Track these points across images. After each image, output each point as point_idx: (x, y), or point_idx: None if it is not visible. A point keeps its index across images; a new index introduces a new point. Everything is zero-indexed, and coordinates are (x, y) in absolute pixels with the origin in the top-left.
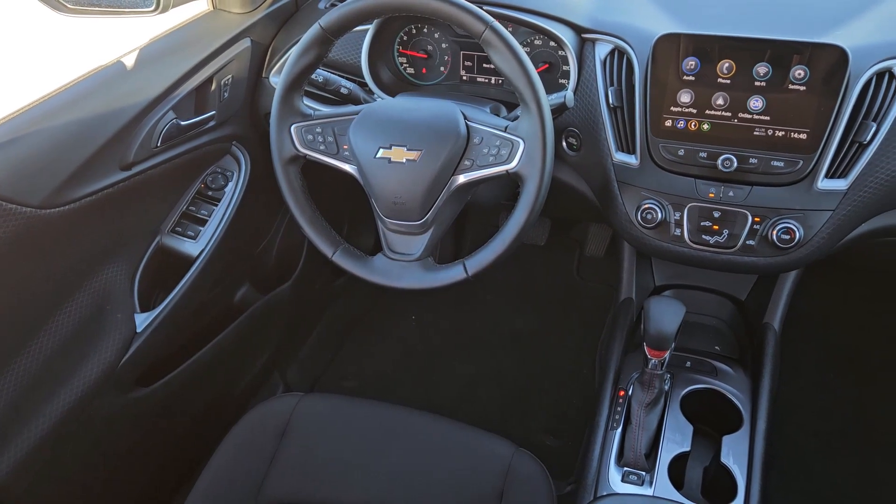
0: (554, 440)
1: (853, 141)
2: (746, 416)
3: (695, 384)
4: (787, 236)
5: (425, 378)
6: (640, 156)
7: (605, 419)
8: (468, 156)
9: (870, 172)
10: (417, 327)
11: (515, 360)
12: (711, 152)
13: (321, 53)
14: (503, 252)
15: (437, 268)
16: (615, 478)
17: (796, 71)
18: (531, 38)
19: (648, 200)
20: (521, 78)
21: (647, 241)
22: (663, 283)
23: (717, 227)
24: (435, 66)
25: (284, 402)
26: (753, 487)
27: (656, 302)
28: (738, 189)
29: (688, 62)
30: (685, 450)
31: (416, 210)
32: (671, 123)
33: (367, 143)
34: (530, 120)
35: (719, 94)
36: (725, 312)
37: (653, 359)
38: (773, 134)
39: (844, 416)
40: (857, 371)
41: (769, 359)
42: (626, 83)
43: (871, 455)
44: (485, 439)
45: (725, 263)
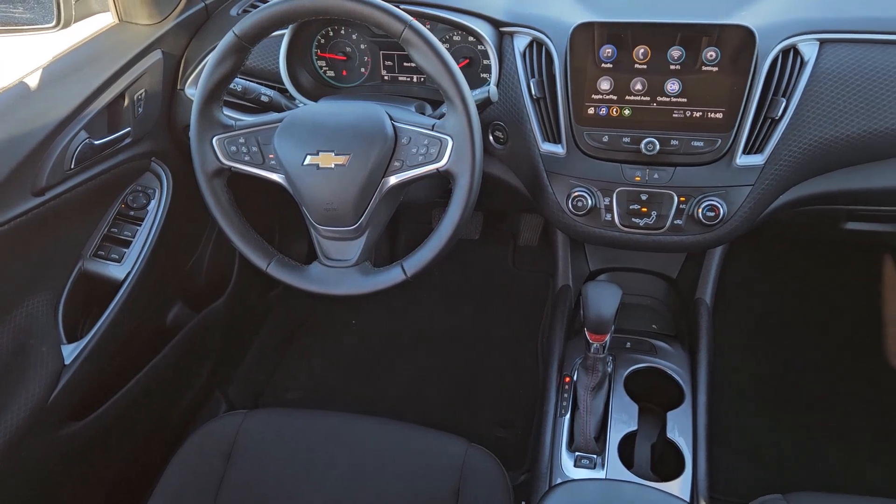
0: (504, 431)
1: (766, 117)
2: (687, 390)
3: (636, 364)
4: (712, 213)
5: (370, 382)
6: (566, 144)
7: (553, 406)
8: (397, 157)
9: (783, 146)
10: (357, 331)
11: (458, 356)
12: (634, 137)
13: (238, 62)
14: (441, 250)
15: (376, 271)
16: (568, 464)
17: (708, 53)
18: (449, 34)
19: (578, 188)
20: (444, 75)
21: (580, 228)
22: (598, 267)
23: (645, 209)
24: (355, 68)
25: (228, 421)
26: (700, 458)
27: (593, 287)
28: (662, 171)
29: (604, 50)
30: (633, 429)
31: (349, 215)
32: (593, 111)
33: (293, 150)
34: (457, 117)
35: (637, 79)
36: (659, 291)
37: (594, 343)
38: (691, 115)
39: (777, 378)
40: (786, 334)
41: (704, 332)
42: (547, 74)
43: (804, 412)
44: (436, 438)
45: (656, 244)
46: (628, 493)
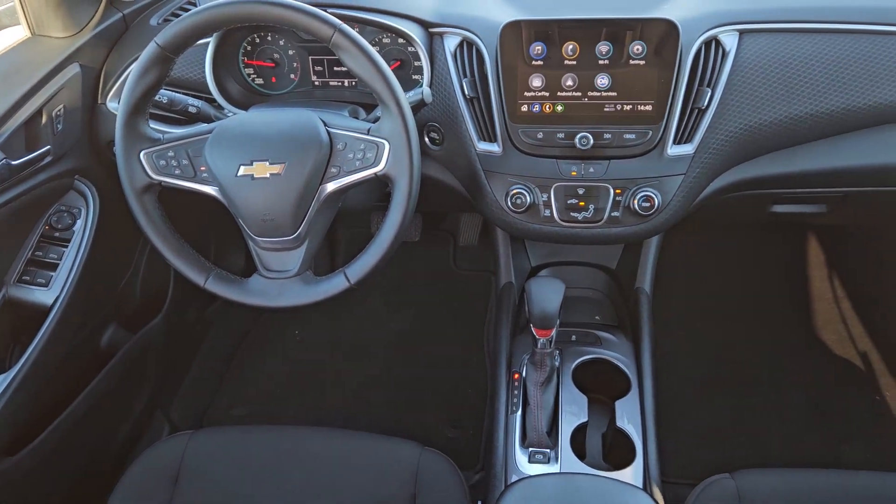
0: (455, 432)
1: (693, 107)
2: (633, 378)
3: (583, 356)
4: (648, 204)
5: (316, 392)
6: (502, 143)
7: (504, 404)
8: (334, 163)
9: (711, 135)
10: (302, 342)
11: (404, 360)
12: (568, 132)
13: (162, 73)
14: (383, 255)
15: (318, 280)
16: (522, 460)
17: (634, 47)
18: (379, 36)
19: (516, 185)
20: (376, 79)
21: (520, 225)
22: (539, 263)
23: (582, 203)
24: (284, 75)
25: (173, 443)
26: (650, 445)
27: (536, 283)
28: (597, 165)
29: (534, 47)
30: (583, 421)
31: (288, 224)
32: (527, 108)
33: (225, 161)
34: (392, 120)
35: (568, 75)
36: (600, 283)
37: (541, 338)
38: (621, 108)
39: (714, 359)
40: (720, 317)
41: (645, 321)
42: (479, 73)
43: (741, 391)
44: (388, 444)
45: (595, 237)
46: (585, 484)
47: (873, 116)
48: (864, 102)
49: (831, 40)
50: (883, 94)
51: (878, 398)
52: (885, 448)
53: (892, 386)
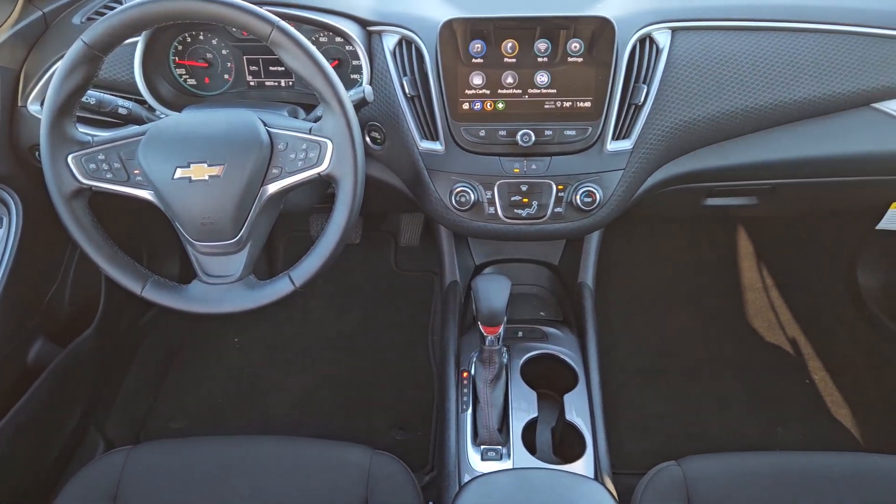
0: (403, 434)
1: (630, 104)
2: (580, 372)
3: (530, 352)
4: (590, 199)
5: (259, 400)
6: (445, 141)
7: (454, 403)
8: (275, 163)
9: (648, 130)
10: (241, 349)
11: (349, 363)
12: (510, 129)
13: (90, 72)
14: (329, 257)
15: (261, 284)
16: (475, 459)
17: (572, 44)
18: (316, 35)
19: (460, 184)
20: (318, 77)
21: (465, 223)
22: (483, 261)
23: (526, 199)
24: (218, 75)
25: (110, 461)
26: (599, 437)
27: (483, 280)
28: (539, 161)
29: (474, 45)
30: (533, 416)
31: (229, 228)
32: (468, 106)
33: (161, 164)
34: (334, 119)
35: (508, 72)
36: (543, 279)
37: (489, 336)
38: (561, 105)
39: (655, 350)
40: (659, 309)
41: (589, 315)
42: (419, 72)
43: (681, 380)
44: (338, 450)
45: (539, 233)
46: (539, 479)
47: (797, 111)
48: (789, 97)
49: (758, 38)
50: (806, 89)
51: (808, 382)
52: (817, 429)
53: (820, 369)
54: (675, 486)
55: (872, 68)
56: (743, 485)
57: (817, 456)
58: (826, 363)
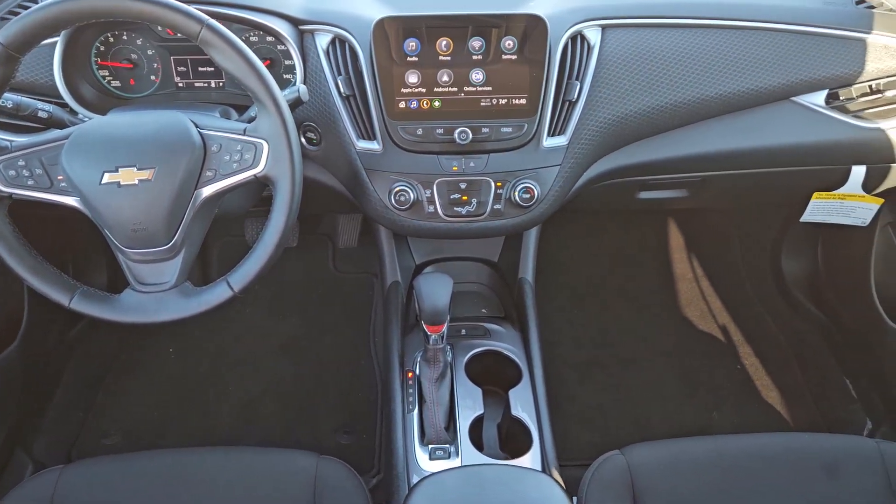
0: (348, 438)
1: (564, 100)
2: (524, 367)
3: (474, 349)
4: (528, 195)
5: (198, 411)
6: (382, 140)
7: (400, 404)
8: (209, 166)
9: (582, 126)
10: (177, 358)
11: (290, 369)
12: (447, 127)
13: (6, 75)
14: (268, 260)
15: (198, 291)
16: (423, 458)
17: (505, 42)
18: (246, 34)
19: (399, 183)
20: (251, 76)
21: (405, 223)
22: (423, 260)
23: (465, 197)
24: (144, 76)
25: (40, 482)
26: (545, 430)
27: (425, 279)
28: (477, 159)
29: (408, 44)
30: (480, 413)
31: (162, 233)
32: (405, 105)
33: (87, 169)
34: (269, 118)
35: (443, 71)
36: (484, 276)
37: (433, 335)
38: (497, 103)
39: (593, 343)
40: (597, 302)
41: (531, 310)
42: (354, 71)
43: (619, 372)
44: (283, 457)
45: (479, 230)
46: (489, 474)
47: (723, 105)
48: (715, 92)
49: (685, 35)
50: (730, 84)
51: (739, 367)
52: (749, 412)
53: (750, 355)
54: (620, 474)
55: (792, 63)
56: (683, 469)
57: (751, 438)
58: (755, 349)
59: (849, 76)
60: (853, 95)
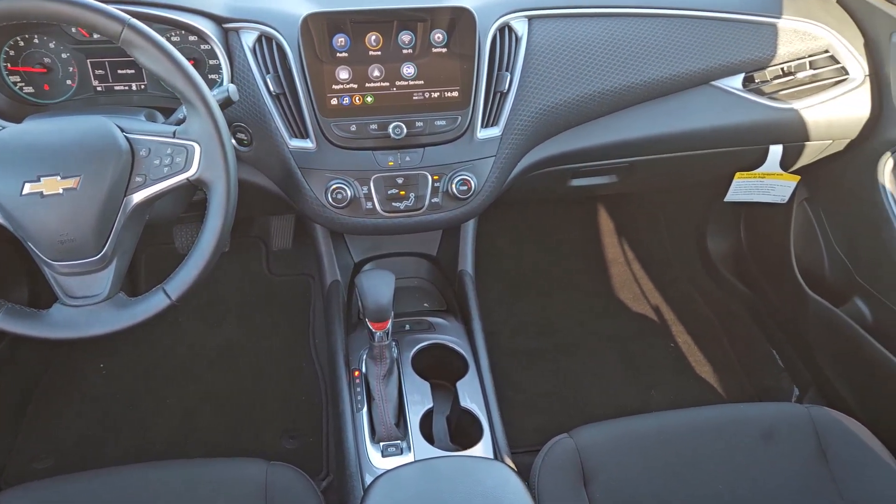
0: (293, 442)
1: (496, 91)
2: (470, 358)
3: (419, 343)
4: (465, 187)
5: (136, 426)
6: (316, 138)
7: (348, 403)
8: (138, 171)
9: (514, 117)
10: (109, 374)
11: (229, 376)
12: (381, 123)
13: None
14: (206, 266)
15: (133, 302)
16: (375, 457)
17: (434, 35)
18: (168, 34)
19: (335, 181)
20: (177, 76)
21: (342, 220)
22: (362, 257)
23: (403, 192)
24: (59, 81)
25: None
26: (494, 420)
27: (367, 277)
28: (413, 153)
29: (337, 39)
30: (429, 406)
31: (90, 244)
32: (336, 101)
33: (6, 179)
34: (200, 120)
35: (374, 66)
36: (423, 271)
37: (377, 332)
38: (430, 96)
39: (534, 331)
40: (536, 291)
41: (472, 302)
42: (283, 68)
43: (560, 358)
44: (231, 466)
45: (418, 224)
46: (444, 466)
47: (647, 91)
48: (640, 79)
49: (609, 24)
50: (654, 70)
51: (673, 345)
52: (683, 388)
53: (682, 333)
54: (569, 456)
55: (710, 49)
56: (629, 447)
57: (690, 412)
58: (687, 326)
59: (763, 60)
60: (767, 78)
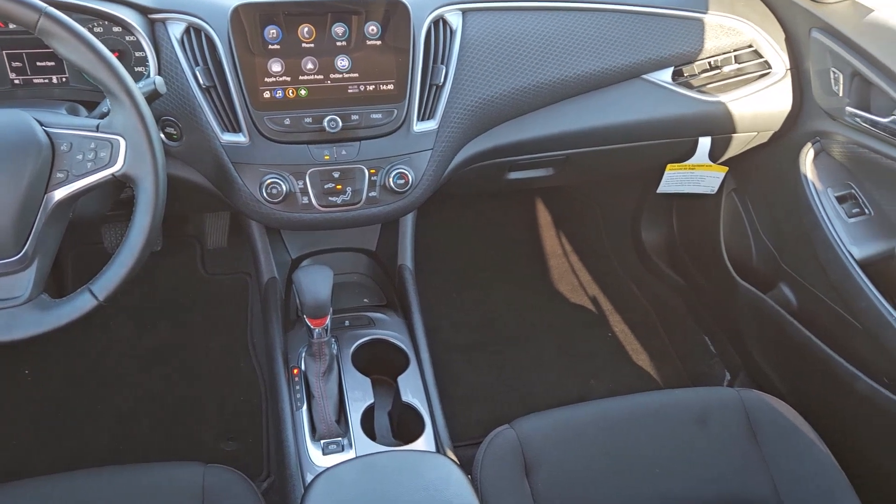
0: (233, 444)
1: (431, 84)
2: (411, 353)
3: (359, 339)
4: (402, 180)
5: (67, 434)
6: (249, 132)
7: (288, 402)
8: (60, 167)
9: (451, 109)
10: (35, 380)
11: (165, 380)
12: (315, 116)
13: None
14: (134, 264)
15: (57, 303)
16: (316, 455)
17: (369, 27)
18: (90, 25)
19: (269, 175)
20: (100, 67)
21: (278, 216)
22: (299, 254)
23: (339, 186)
24: None
25: None
26: (436, 413)
27: (304, 273)
28: (349, 147)
29: (268, 31)
30: (370, 402)
31: (9, 243)
32: (269, 94)
33: None
34: (124, 112)
35: (307, 58)
36: (362, 266)
37: (316, 328)
38: (365, 89)
39: (475, 325)
40: (477, 285)
41: (413, 296)
42: (213, 61)
43: (501, 351)
44: (166, 471)
45: (355, 219)
46: (385, 461)
47: (580, 84)
48: (573, 72)
49: (542, 18)
50: (586, 64)
51: (611, 335)
52: (621, 376)
53: (619, 322)
54: (511, 446)
55: (640, 43)
56: (569, 435)
57: (627, 399)
58: (624, 316)
59: (690, 54)
60: (695, 72)
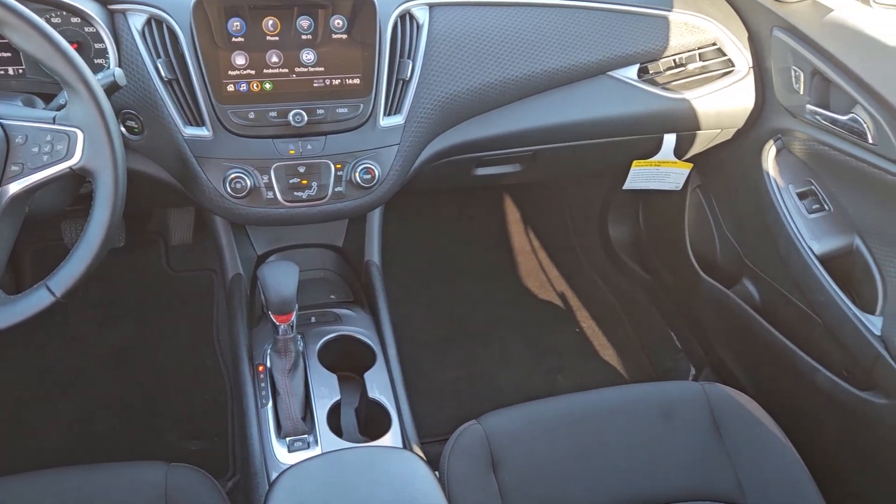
0: (198, 443)
1: (398, 79)
2: (378, 349)
3: (325, 336)
4: (369, 175)
5: (23, 435)
6: (212, 126)
7: (252, 399)
8: (14, 160)
9: (418, 104)
10: None
11: (127, 379)
12: (280, 110)
13: None
14: (93, 260)
15: (13, 299)
16: (282, 452)
17: (334, 21)
18: (46, 15)
19: (233, 170)
20: (55, 57)
21: (243, 211)
22: (265, 250)
23: (305, 181)
24: None
25: None
26: (403, 410)
27: (269, 268)
28: (314, 141)
29: (232, 24)
30: (336, 399)
31: None
32: (233, 88)
33: None
34: (82, 104)
35: (272, 51)
36: (329, 262)
37: (281, 325)
38: (331, 83)
39: (443, 321)
40: (443, 280)
41: (380, 292)
42: (175, 53)
43: (469, 347)
44: (127, 471)
45: (321, 214)
46: (351, 457)
47: (547, 80)
48: (539, 68)
49: (508, 13)
50: (552, 60)
51: (578, 330)
52: (588, 371)
53: (587, 318)
54: (478, 441)
55: (606, 40)
56: (536, 430)
57: (593, 393)
58: (591, 312)
59: (656, 51)
60: (660, 69)
